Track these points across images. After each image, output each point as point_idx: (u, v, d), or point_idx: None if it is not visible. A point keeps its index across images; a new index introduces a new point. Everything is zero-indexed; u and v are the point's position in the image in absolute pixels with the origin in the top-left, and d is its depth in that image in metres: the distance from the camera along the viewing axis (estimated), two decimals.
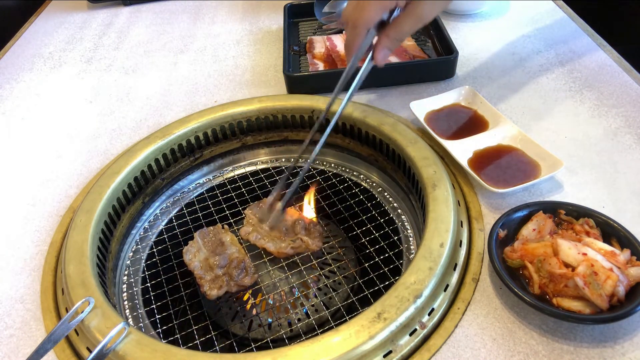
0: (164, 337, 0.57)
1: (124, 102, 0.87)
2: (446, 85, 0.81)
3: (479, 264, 0.55)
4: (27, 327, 0.54)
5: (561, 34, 0.90)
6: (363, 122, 0.69)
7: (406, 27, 0.51)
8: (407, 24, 0.51)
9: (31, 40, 1.11)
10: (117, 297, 0.61)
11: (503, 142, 0.67)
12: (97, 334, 0.47)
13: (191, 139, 0.72)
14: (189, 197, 0.74)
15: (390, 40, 0.52)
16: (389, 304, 0.47)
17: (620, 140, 0.67)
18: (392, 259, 0.61)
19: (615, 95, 0.74)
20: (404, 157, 0.64)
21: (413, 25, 0.52)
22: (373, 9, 0.49)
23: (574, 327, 0.48)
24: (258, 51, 0.97)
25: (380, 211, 0.69)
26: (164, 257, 0.65)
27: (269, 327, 0.65)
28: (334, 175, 0.74)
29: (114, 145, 0.77)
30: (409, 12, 0.50)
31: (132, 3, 1.20)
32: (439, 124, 0.71)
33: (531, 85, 0.79)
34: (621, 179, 0.62)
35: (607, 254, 0.49)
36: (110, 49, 1.04)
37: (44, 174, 0.74)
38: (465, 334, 0.49)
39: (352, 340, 0.44)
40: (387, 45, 0.52)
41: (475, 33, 0.94)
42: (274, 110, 0.74)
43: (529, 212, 0.55)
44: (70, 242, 0.57)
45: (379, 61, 0.54)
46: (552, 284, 0.48)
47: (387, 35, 0.52)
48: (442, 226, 0.53)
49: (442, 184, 0.58)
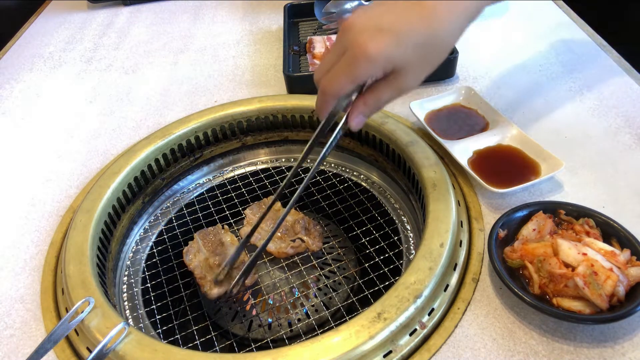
0: (164, 338, 0.57)
1: (124, 102, 0.87)
2: (446, 85, 0.81)
3: (479, 264, 0.55)
4: (27, 327, 0.54)
5: (561, 34, 0.90)
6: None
7: (385, 96, 0.47)
8: (386, 93, 0.47)
9: (31, 40, 1.11)
10: (117, 297, 0.61)
11: (503, 142, 0.67)
12: (97, 334, 0.47)
13: (191, 139, 0.72)
14: (188, 197, 0.74)
15: (367, 107, 0.48)
16: (389, 304, 0.47)
17: (620, 140, 0.67)
18: (392, 259, 0.61)
19: (615, 95, 0.74)
20: (404, 157, 0.64)
21: (392, 96, 0.47)
22: (343, 80, 0.45)
23: (574, 327, 0.48)
24: (258, 51, 0.97)
25: (380, 211, 0.69)
26: (164, 257, 0.65)
27: (269, 327, 0.65)
28: (334, 175, 0.74)
29: (114, 145, 0.77)
30: (390, 81, 0.46)
31: (132, 3, 1.20)
32: (439, 124, 0.71)
33: (531, 85, 0.79)
34: (621, 179, 0.62)
35: (607, 254, 0.49)
36: (110, 49, 1.04)
37: (44, 174, 0.74)
38: (465, 334, 0.49)
39: (352, 340, 0.44)
40: (363, 111, 0.48)
41: (475, 33, 0.94)
42: (274, 110, 0.74)
43: (529, 212, 0.55)
44: (70, 242, 0.57)
45: (353, 127, 0.49)
46: (552, 284, 0.48)
47: (365, 101, 0.48)
48: (442, 226, 0.53)
49: (442, 184, 0.58)
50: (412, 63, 0.45)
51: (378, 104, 0.48)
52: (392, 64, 0.44)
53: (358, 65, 0.43)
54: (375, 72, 0.45)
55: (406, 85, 0.47)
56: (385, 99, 0.48)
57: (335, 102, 0.47)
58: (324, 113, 0.48)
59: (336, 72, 0.45)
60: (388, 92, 0.47)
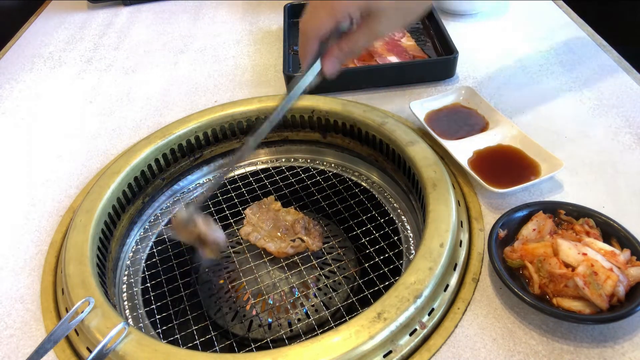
0: (164, 337, 0.57)
1: (124, 102, 0.87)
2: (446, 85, 0.81)
3: (479, 264, 0.55)
4: (27, 327, 0.54)
5: (561, 34, 0.90)
6: (363, 122, 0.69)
7: (360, 41, 0.49)
8: (362, 38, 0.49)
9: (31, 40, 1.11)
10: (117, 297, 0.61)
11: (503, 142, 0.67)
12: (97, 334, 0.47)
13: (191, 139, 0.72)
14: (189, 197, 0.74)
15: (341, 51, 0.50)
16: (389, 304, 0.47)
17: (620, 140, 0.67)
18: (392, 259, 0.61)
19: (615, 95, 0.74)
20: (404, 157, 0.64)
21: (367, 40, 0.49)
22: (323, 18, 0.47)
23: (574, 327, 0.48)
24: (258, 51, 0.97)
25: (380, 211, 0.69)
26: (164, 257, 0.65)
27: (269, 327, 0.65)
28: (334, 175, 0.74)
29: (114, 145, 0.77)
30: (364, 26, 0.48)
31: (132, 3, 1.20)
32: (439, 124, 0.71)
33: (531, 85, 0.79)
34: (621, 179, 0.62)
35: (607, 254, 0.49)
36: (110, 49, 1.04)
37: (44, 174, 0.74)
38: (465, 334, 0.49)
39: (352, 340, 0.44)
40: (337, 55, 0.50)
41: (476, 33, 0.94)
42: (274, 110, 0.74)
43: (529, 212, 0.55)
44: (70, 242, 0.57)
45: (327, 70, 0.50)
46: (552, 284, 0.48)
47: (340, 46, 0.49)
48: (442, 226, 0.53)
49: (442, 184, 0.58)
50: (389, 7, 0.47)
51: (353, 48, 0.50)
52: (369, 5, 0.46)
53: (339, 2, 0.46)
54: (353, 11, 0.47)
55: (381, 30, 0.48)
56: (360, 44, 0.49)
57: (316, 44, 0.49)
58: (308, 57, 0.50)
59: (317, 10, 0.47)
60: (363, 37, 0.49)
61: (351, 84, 0.81)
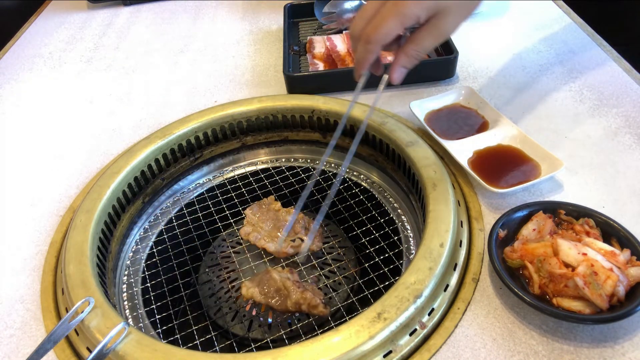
0: (164, 337, 0.57)
1: (124, 102, 0.87)
2: (446, 85, 0.81)
3: (479, 264, 0.55)
4: (27, 327, 0.54)
5: (561, 34, 0.90)
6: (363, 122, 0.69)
7: (427, 43, 0.46)
8: (428, 40, 0.46)
9: (31, 40, 1.11)
10: (117, 297, 0.61)
11: (503, 142, 0.66)
12: (97, 334, 0.47)
13: (191, 139, 0.72)
14: (189, 197, 0.74)
15: (408, 58, 0.47)
16: (389, 304, 0.47)
17: (620, 140, 0.67)
18: (392, 259, 0.61)
19: (615, 95, 0.74)
20: (404, 157, 0.64)
21: (434, 41, 0.47)
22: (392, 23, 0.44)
23: (574, 327, 0.48)
24: (258, 51, 0.97)
25: (380, 211, 0.69)
26: (164, 257, 0.65)
27: (269, 327, 0.65)
28: (334, 175, 0.74)
29: (114, 145, 0.77)
30: (431, 26, 0.45)
31: (132, 3, 1.20)
32: (439, 124, 0.71)
33: (531, 85, 0.79)
34: (621, 179, 0.62)
35: (607, 254, 0.49)
36: (110, 49, 1.04)
37: (44, 174, 0.74)
38: (465, 334, 0.49)
39: (352, 340, 0.44)
40: (405, 63, 0.47)
41: (475, 33, 0.94)
42: (274, 110, 0.74)
43: (529, 212, 0.55)
44: (70, 242, 0.57)
45: (396, 80, 0.48)
46: (552, 284, 0.48)
47: (406, 52, 0.47)
48: (442, 226, 0.53)
49: (442, 184, 0.58)
50: (454, 4, 0.45)
51: (421, 52, 0.47)
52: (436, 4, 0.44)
53: (406, 5, 0.43)
54: (421, 12, 0.44)
55: (447, 29, 0.46)
56: (427, 46, 0.47)
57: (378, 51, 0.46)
58: (365, 66, 0.48)
59: (383, 15, 0.44)
60: (430, 38, 0.46)
61: (351, 84, 0.81)
